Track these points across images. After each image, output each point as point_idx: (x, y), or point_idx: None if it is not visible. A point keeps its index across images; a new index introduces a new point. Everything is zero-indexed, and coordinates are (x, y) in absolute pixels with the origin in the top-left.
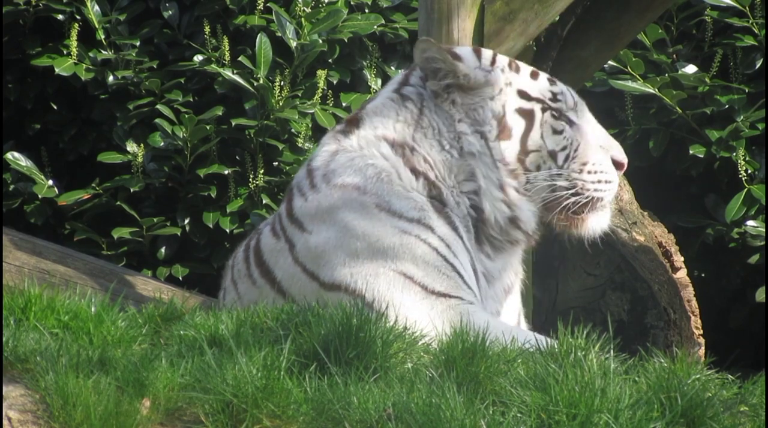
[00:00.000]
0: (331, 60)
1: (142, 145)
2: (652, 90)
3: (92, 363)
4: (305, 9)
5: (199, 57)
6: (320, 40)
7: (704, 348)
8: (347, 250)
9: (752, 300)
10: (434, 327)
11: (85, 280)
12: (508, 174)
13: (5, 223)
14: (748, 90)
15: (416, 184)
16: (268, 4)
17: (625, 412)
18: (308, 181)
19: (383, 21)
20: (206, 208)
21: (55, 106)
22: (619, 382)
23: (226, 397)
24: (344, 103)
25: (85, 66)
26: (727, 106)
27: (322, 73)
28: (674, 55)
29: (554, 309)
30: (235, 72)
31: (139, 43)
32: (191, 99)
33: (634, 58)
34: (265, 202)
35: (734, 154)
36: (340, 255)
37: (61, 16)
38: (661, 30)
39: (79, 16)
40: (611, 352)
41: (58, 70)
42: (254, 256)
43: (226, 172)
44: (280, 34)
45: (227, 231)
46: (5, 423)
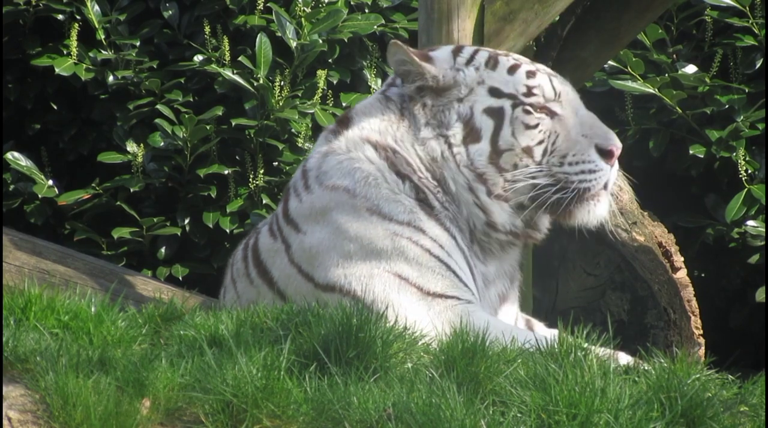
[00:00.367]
0: (331, 60)
1: (142, 145)
2: (652, 90)
3: (92, 363)
4: (305, 9)
5: (199, 57)
6: (320, 40)
7: (704, 348)
8: (340, 252)
9: (752, 300)
10: (433, 327)
11: (85, 280)
12: (476, 178)
13: (5, 223)
14: (748, 90)
15: (403, 187)
16: (268, 4)
17: (625, 412)
18: (303, 182)
19: (383, 21)
20: (206, 208)
21: (55, 106)
22: (619, 382)
23: (226, 397)
24: (344, 103)
25: (85, 66)
26: (727, 106)
27: (322, 73)
28: (674, 55)
29: (554, 309)
30: (235, 72)
31: (139, 43)
32: (191, 99)
33: (634, 58)
34: (265, 202)
35: (734, 154)
36: (333, 256)
37: (61, 16)
38: (661, 30)
39: (79, 16)
40: (611, 352)
41: (58, 70)
42: (252, 256)
43: (226, 172)
44: (280, 34)
45: (227, 231)
46: (5, 423)
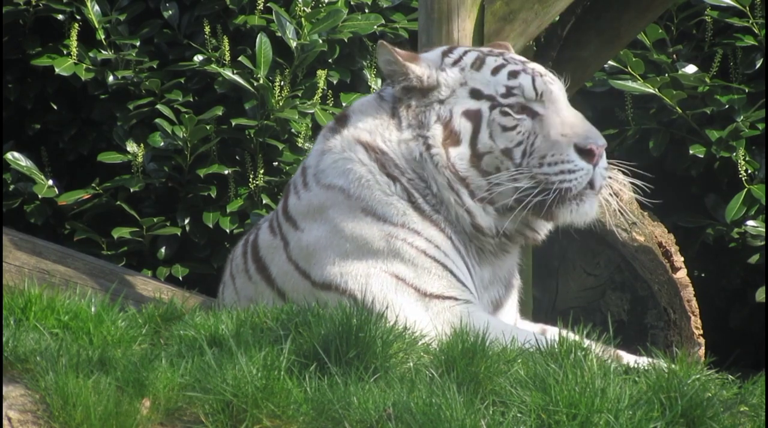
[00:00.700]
0: (331, 60)
1: (142, 145)
2: (652, 90)
3: (92, 363)
4: (305, 9)
5: (199, 57)
6: (320, 40)
7: (704, 348)
8: (337, 251)
9: (752, 300)
10: (432, 328)
11: (85, 280)
12: (456, 179)
13: (5, 223)
14: (748, 90)
15: (395, 188)
16: (268, 4)
17: (625, 412)
18: (302, 179)
19: (383, 21)
20: (206, 208)
21: (55, 106)
22: (619, 382)
23: (226, 397)
24: (344, 103)
25: (85, 66)
26: (727, 106)
27: (322, 73)
28: (674, 55)
29: (554, 309)
30: (235, 72)
31: (139, 43)
32: (191, 99)
33: (634, 58)
34: (265, 202)
35: (734, 154)
36: (330, 255)
37: (61, 16)
38: (661, 30)
39: (79, 16)
40: (612, 351)
41: (58, 70)
42: (251, 252)
43: (226, 172)
44: (280, 34)
45: (227, 231)
46: (5, 423)
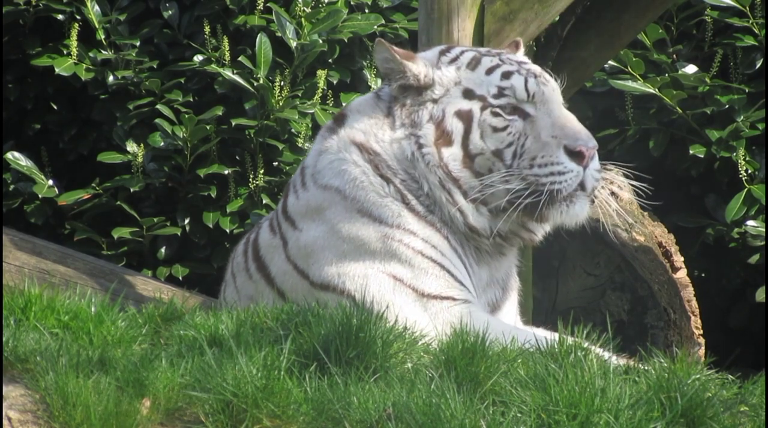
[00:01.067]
0: (331, 60)
1: (142, 145)
2: (652, 90)
3: (92, 363)
4: (305, 9)
5: (199, 57)
6: (320, 40)
7: (704, 348)
8: (335, 251)
9: (752, 300)
10: (432, 328)
11: (85, 280)
12: (450, 180)
13: (5, 223)
14: (748, 90)
15: (388, 189)
16: (268, 4)
17: (625, 412)
18: (300, 179)
19: (383, 21)
20: (206, 208)
21: (55, 106)
22: (619, 382)
23: (226, 397)
24: (344, 103)
25: (85, 66)
26: (727, 106)
27: (322, 73)
28: (674, 55)
29: (554, 309)
30: (235, 72)
31: (139, 43)
32: (191, 99)
33: (634, 58)
34: (265, 202)
35: (734, 154)
36: (328, 255)
37: (61, 16)
38: (661, 30)
39: (79, 16)
40: (611, 352)
41: (58, 70)
42: (252, 251)
43: (226, 172)
44: (280, 34)
45: (227, 231)
46: (5, 423)
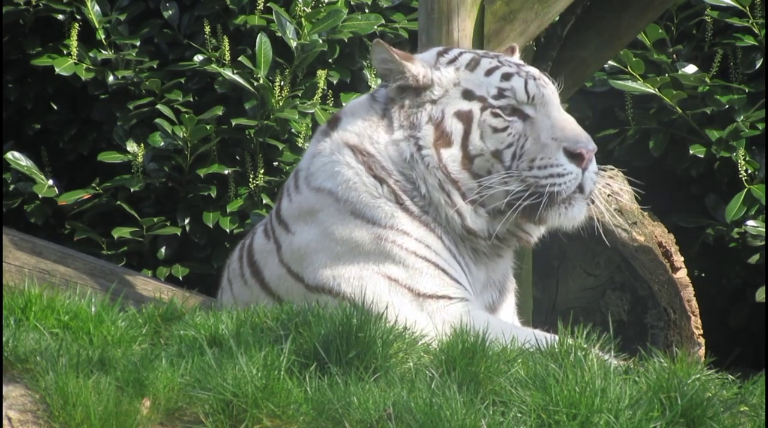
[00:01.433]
0: (331, 60)
1: (142, 145)
2: (652, 90)
3: (92, 363)
4: (305, 9)
5: (199, 57)
6: (320, 40)
7: (704, 348)
8: (329, 253)
9: (752, 300)
10: (432, 328)
11: (85, 280)
12: (448, 180)
13: (5, 223)
14: (748, 90)
15: (382, 190)
16: (268, 4)
17: (625, 412)
18: (294, 182)
19: (383, 21)
20: (206, 208)
21: (55, 106)
22: (619, 382)
23: (226, 397)
24: (344, 103)
25: (85, 66)
26: (727, 106)
27: (322, 73)
28: (674, 55)
29: (554, 309)
30: (235, 72)
31: (139, 43)
32: (191, 99)
33: (634, 58)
34: (265, 202)
35: (734, 154)
36: (322, 257)
37: (61, 16)
38: (661, 30)
39: (79, 16)
40: (612, 352)
41: (58, 70)
42: (247, 256)
43: (226, 172)
44: (280, 34)
45: (227, 231)
46: (5, 423)
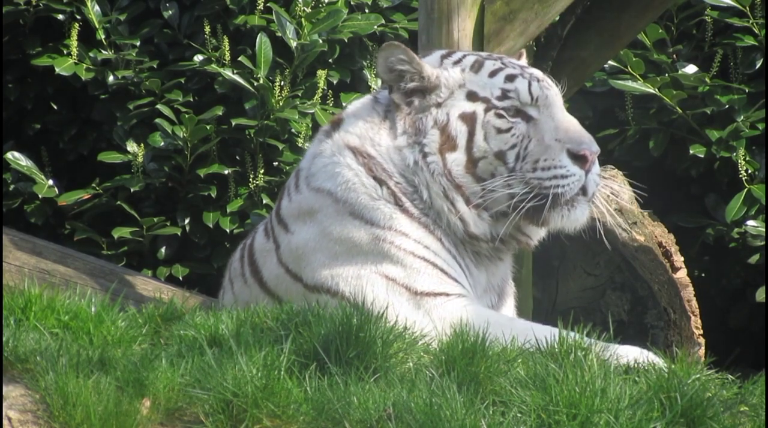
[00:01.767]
0: (331, 60)
1: (142, 145)
2: (652, 90)
3: (92, 363)
4: (305, 9)
5: (199, 57)
6: (320, 40)
7: (704, 348)
8: (327, 253)
9: (752, 300)
10: (431, 327)
11: (85, 280)
12: (452, 187)
13: (5, 223)
14: (748, 90)
15: (381, 192)
16: (268, 4)
17: (625, 412)
18: (294, 181)
19: (383, 21)
20: (206, 208)
21: (55, 106)
22: (619, 382)
23: (226, 397)
24: (344, 103)
25: (85, 66)
26: (727, 106)
27: (322, 73)
28: (674, 55)
29: (554, 309)
30: (235, 72)
31: (139, 43)
32: (191, 99)
33: (634, 58)
34: (265, 202)
35: (734, 154)
36: (320, 257)
37: (61, 16)
38: (661, 30)
39: (79, 16)
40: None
41: (58, 70)
42: (248, 256)
43: (226, 172)
44: (280, 34)
45: (227, 231)
46: (5, 423)
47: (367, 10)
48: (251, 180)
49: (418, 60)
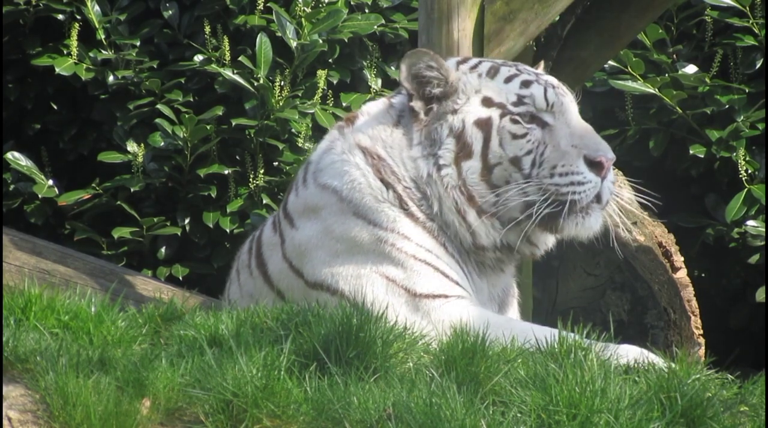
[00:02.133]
0: (331, 60)
1: (142, 145)
2: (652, 90)
3: (92, 363)
4: (305, 9)
5: (199, 57)
6: (320, 40)
7: (704, 348)
8: (328, 251)
9: (752, 300)
10: (426, 328)
11: (85, 280)
12: (465, 200)
13: (5, 223)
14: (748, 90)
15: (387, 195)
16: (268, 4)
17: (625, 412)
18: (302, 175)
19: (383, 21)
20: (206, 208)
21: (55, 106)
22: (619, 382)
23: (226, 397)
24: (344, 103)
25: (85, 66)
26: (727, 106)
27: (322, 73)
28: (674, 55)
29: (554, 309)
30: (235, 72)
31: (139, 43)
32: (191, 99)
33: (634, 58)
34: (265, 202)
35: (734, 154)
36: (321, 254)
37: (61, 16)
38: (661, 30)
39: (79, 16)
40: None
41: (58, 70)
42: (255, 248)
43: (226, 172)
44: (280, 34)
45: (227, 231)
46: (5, 423)
47: (367, 10)
48: (251, 180)
49: (446, 66)
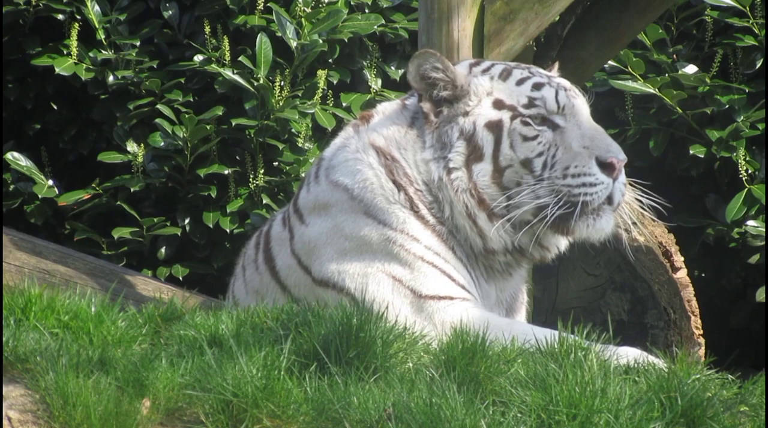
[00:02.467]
0: (331, 60)
1: (142, 145)
2: (652, 90)
3: (92, 363)
4: (305, 9)
5: (199, 57)
6: (320, 40)
7: (704, 348)
8: (337, 248)
9: (752, 300)
10: (429, 329)
11: (85, 280)
12: (476, 204)
13: (5, 223)
14: (748, 90)
15: (398, 196)
16: (268, 4)
17: (625, 412)
18: (315, 171)
19: (383, 21)
20: (206, 208)
21: (55, 106)
22: (619, 382)
23: (226, 397)
24: (344, 103)
25: (85, 66)
26: (727, 106)
27: (322, 73)
28: (674, 55)
29: (554, 309)
30: (235, 72)
31: (139, 43)
32: (191, 99)
33: (634, 58)
34: (265, 202)
35: (734, 154)
36: (329, 252)
37: (61, 16)
38: (661, 30)
39: (79, 16)
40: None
41: (58, 70)
42: (264, 243)
43: (226, 172)
44: (280, 34)
45: (227, 231)
46: (5, 423)
47: (367, 10)
48: (251, 180)
49: (452, 68)
